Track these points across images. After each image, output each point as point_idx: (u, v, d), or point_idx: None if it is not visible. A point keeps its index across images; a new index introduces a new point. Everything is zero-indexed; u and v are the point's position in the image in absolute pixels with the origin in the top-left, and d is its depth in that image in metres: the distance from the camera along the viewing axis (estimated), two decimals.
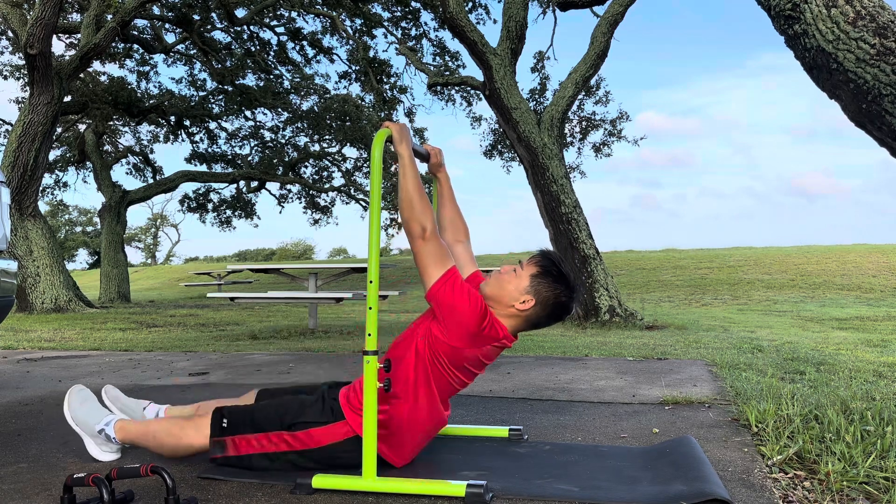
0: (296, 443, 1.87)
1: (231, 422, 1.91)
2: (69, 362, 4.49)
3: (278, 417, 1.90)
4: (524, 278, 1.93)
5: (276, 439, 1.88)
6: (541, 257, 1.97)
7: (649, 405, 2.84)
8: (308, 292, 6.40)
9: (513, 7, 7.72)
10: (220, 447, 1.90)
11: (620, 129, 15.47)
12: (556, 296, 1.93)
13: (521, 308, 1.91)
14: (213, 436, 1.90)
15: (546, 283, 1.92)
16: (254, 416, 1.92)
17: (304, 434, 1.87)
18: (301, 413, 1.90)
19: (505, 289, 1.93)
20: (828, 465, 1.85)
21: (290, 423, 1.88)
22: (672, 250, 21.43)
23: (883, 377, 3.44)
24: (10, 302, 2.72)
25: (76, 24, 13.85)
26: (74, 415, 2.05)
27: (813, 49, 2.59)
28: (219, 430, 1.91)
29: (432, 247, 1.84)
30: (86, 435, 2.05)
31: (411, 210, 1.84)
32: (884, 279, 13.86)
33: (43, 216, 10.49)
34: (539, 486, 1.75)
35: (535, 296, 1.91)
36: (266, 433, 1.89)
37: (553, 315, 1.96)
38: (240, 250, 53.71)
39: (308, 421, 1.88)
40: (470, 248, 2.23)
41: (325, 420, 1.88)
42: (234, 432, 1.90)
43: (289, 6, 15.12)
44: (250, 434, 1.89)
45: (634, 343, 5.20)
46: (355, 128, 15.71)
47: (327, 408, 1.90)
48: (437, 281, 1.83)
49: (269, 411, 1.92)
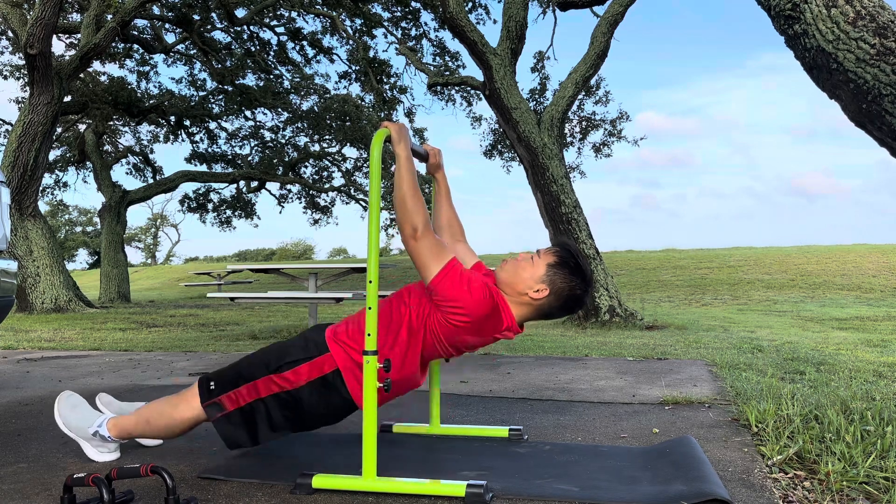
0: (285, 383, 1.87)
1: (218, 382, 1.91)
2: (69, 362, 4.49)
3: (264, 364, 1.90)
4: (540, 267, 1.93)
5: (267, 383, 1.87)
6: (559, 248, 1.98)
7: (649, 405, 2.84)
8: (308, 292, 6.40)
9: (513, 7, 7.72)
10: (216, 408, 1.89)
11: (620, 129, 15.47)
12: (571, 288, 1.93)
13: (534, 297, 1.91)
14: (204, 401, 1.90)
15: (562, 273, 1.92)
16: (240, 371, 1.92)
17: (291, 373, 1.87)
18: (285, 354, 1.90)
19: (520, 275, 1.93)
20: (828, 465, 1.85)
21: (277, 366, 1.88)
22: (672, 250, 21.42)
23: (883, 377, 3.44)
24: (10, 302, 2.72)
25: (76, 24, 13.85)
26: (66, 421, 2.04)
27: (813, 49, 2.59)
28: (208, 393, 1.90)
29: (426, 243, 1.83)
30: (81, 439, 2.04)
31: (403, 210, 1.84)
32: (884, 279, 13.86)
33: (43, 216, 10.49)
34: (539, 486, 1.75)
35: (549, 285, 1.92)
36: (255, 381, 1.88)
37: (565, 307, 1.96)
38: (240, 250, 53.75)
39: (293, 360, 1.88)
40: (469, 246, 2.24)
41: (309, 356, 1.88)
42: (224, 390, 1.89)
43: (289, 6, 15.11)
44: (241, 387, 1.89)
45: (634, 343, 5.20)
46: (355, 128, 15.70)
47: (311, 344, 1.91)
48: (437, 274, 1.82)
49: (254, 360, 1.93)
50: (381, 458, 1.83)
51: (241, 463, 1.99)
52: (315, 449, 2.16)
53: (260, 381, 1.88)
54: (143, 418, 1.97)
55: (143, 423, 1.97)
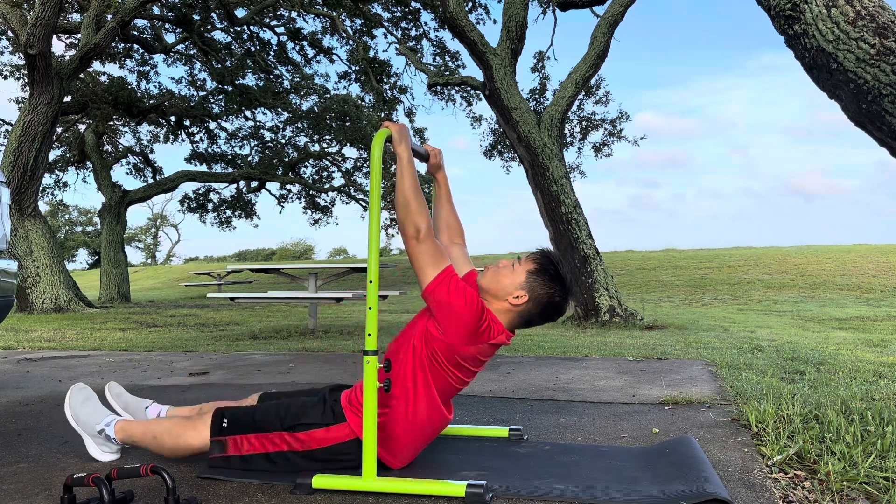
0: (296, 443, 1.87)
1: (231, 422, 1.91)
2: (69, 362, 4.49)
3: (279, 418, 1.90)
4: (520, 274, 1.94)
5: (276, 440, 1.88)
6: (539, 255, 1.98)
7: (649, 405, 2.84)
8: (308, 292, 6.40)
9: (513, 7, 7.72)
10: (219, 447, 1.90)
11: (620, 129, 15.48)
12: (550, 295, 1.93)
13: (513, 303, 1.92)
14: (213, 435, 1.90)
15: (541, 280, 1.93)
16: (255, 417, 1.92)
17: (305, 435, 1.87)
18: (302, 414, 1.90)
19: (500, 282, 1.93)
20: (828, 465, 1.85)
21: (291, 425, 1.88)
22: (672, 250, 21.43)
23: (883, 377, 3.44)
24: (10, 302, 2.72)
25: (76, 24, 13.85)
26: (75, 414, 2.05)
27: (813, 49, 2.59)
28: (218, 429, 1.91)
29: (427, 247, 1.84)
30: (86, 435, 2.05)
31: (406, 211, 1.84)
32: (884, 279, 13.86)
33: (43, 216, 10.49)
34: (539, 486, 1.75)
35: (528, 292, 1.92)
36: (266, 433, 1.88)
37: (544, 314, 1.96)
38: (240, 250, 53.75)
39: (309, 422, 1.88)
40: (465, 250, 2.23)
41: (326, 422, 1.88)
42: (233, 432, 1.90)
43: (289, 6, 15.12)
44: (251, 434, 1.89)
45: (634, 343, 5.20)
46: (355, 128, 15.70)
47: (328, 409, 1.90)
48: (433, 280, 1.83)
49: (270, 412, 1.92)
50: None
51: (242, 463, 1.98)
52: None
53: (271, 434, 1.88)
54: (151, 433, 1.97)
55: (150, 437, 1.96)
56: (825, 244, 20.41)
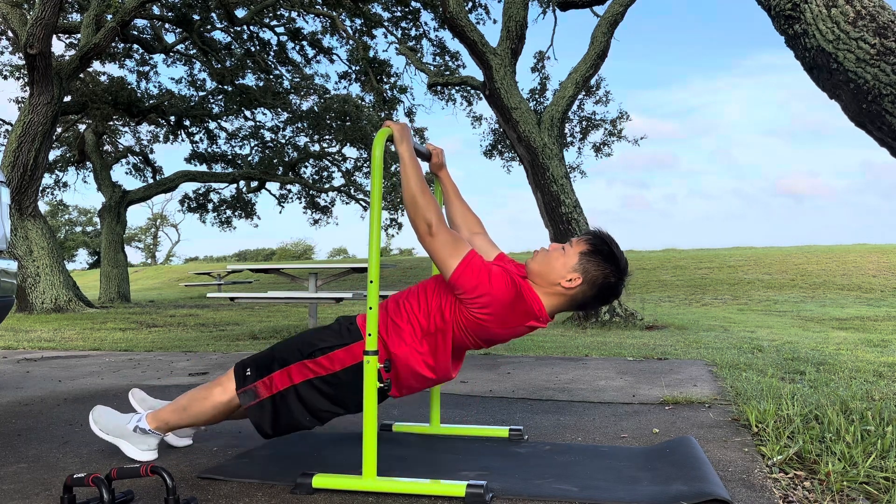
0: (319, 369, 1.86)
1: (254, 368, 1.91)
2: (69, 362, 4.48)
3: (298, 350, 1.89)
4: (572, 256, 1.89)
5: (301, 368, 1.87)
6: (592, 235, 1.93)
7: (649, 405, 2.84)
8: (308, 292, 6.40)
9: (513, 7, 7.72)
10: (250, 395, 1.89)
11: (621, 129, 15.47)
12: (606, 276, 1.88)
13: (566, 286, 1.87)
14: (240, 387, 1.89)
15: (595, 261, 1.88)
16: (274, 355, 1.91)
17: (326, 358, 1.87)
18: (320, 340, 1.90)
19: (551, 265, 1.89)
20: (828, 465, 1.85)
21: (311, 351, 1.88)
22: (672, 250, 21.43)
23: (883, 377, 3.44)
24: (10, 302, 2.72)
25: (76, 24, 13.84)
26: (103, 426, 2.04)
27: (813, 49, 2.59)
28: (242, 380, 1.90)
29: (442, 238, 1.81)
30: (121, 439, 2.02)
31: (415, 208, 1.82)
32: (884, 279, 13.86)
33: (43, 216, 10.49)
34: (539, 486, 1.75)
35: (582, 274, 1.87)
36: (289, 367, 1.88)
37: (599, 296, 1.91)
38: (240, 250, 53.73)
39: (329, 345, 1.88)
40: (488, 237, 2.20)
41: (344, 341, 1.88)
42: (260, 376, 1.89)
43: (289, 6, 15.11)
44: (275, 372, 1.88)
45: (634, 343, 5.20)
46: (355, 128, 15.70)
47: (344, 330, 1.91)
48: (456, 268, 1.80)
49: (290, 345, 1.93)
50: (381, 457, 1.82)
51: (241, 463, 1.99)
52: (315, 449, 2.16)
53: (294, 366, 1.88)
54: (180, 406, 1.97)
55: (181, 410, 1.96)
56: (825, 244, 20.42)
